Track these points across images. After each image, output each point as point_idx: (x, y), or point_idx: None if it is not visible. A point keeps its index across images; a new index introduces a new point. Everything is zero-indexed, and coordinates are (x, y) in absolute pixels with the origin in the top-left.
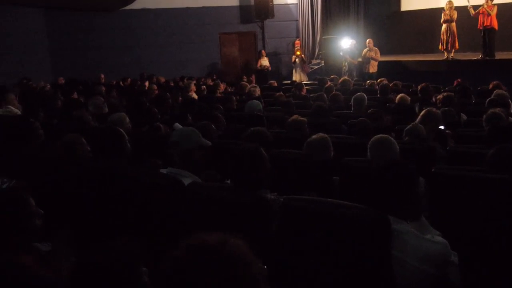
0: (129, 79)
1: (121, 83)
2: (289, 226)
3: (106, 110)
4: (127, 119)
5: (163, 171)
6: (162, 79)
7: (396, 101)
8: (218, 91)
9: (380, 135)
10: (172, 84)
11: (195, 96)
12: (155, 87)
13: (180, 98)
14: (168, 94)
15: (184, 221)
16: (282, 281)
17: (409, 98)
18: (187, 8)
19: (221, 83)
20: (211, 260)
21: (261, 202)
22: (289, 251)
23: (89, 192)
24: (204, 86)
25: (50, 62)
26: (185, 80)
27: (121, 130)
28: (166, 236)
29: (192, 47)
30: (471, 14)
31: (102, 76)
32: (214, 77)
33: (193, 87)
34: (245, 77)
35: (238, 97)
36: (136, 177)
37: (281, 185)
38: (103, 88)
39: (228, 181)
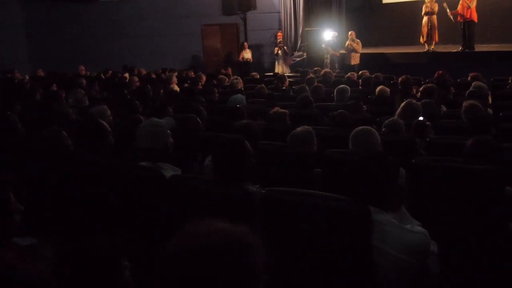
0: (110, 71)
1: (102, 75)
2: (271, 218)
3: (87, 103)
4: (109, 112)
5: (143, 163)
6: (144, 71)
7: (376, 93)
8: (200, 83)
9: (362, 126)
10: (153, 76)
11: (176, 88)
12: (136, 79)
13: (162, 91)
14: (149, 86)
15: (166, 214)
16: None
17: (389, 90)
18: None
19: (203, 75)
20: (220, 246)
21: (243, 194)
22: (271, 243)
23: (72, 186)
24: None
25: (27, 54)
26: (167, 72)
27: (103, 122)
28: (149, 229)
29: (174, 39)
30: (449, 15)
31: (82, 67)
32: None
33: (174, 79)
34: (223, 69)
35: (220, 90)
36: (118, 170)
37: (264, 177)
38: (84, 81)
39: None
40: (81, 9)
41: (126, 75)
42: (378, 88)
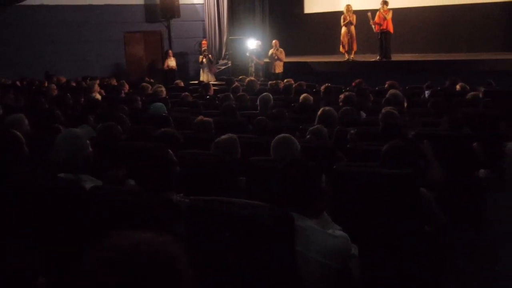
0: (27, 78)
1: (18, 82)
2: (196, 227)
3: (1, 111)
4: (26, 121)
5: (61, 175)
6: (63, 79)
7: (300, 100)
8: (123, 91)
9: (283, 134)
10: (74, 84)
11: (98, 96)
12: (54, 86)
13: (82, 99)
14: (68, 94)
15: (87, 227)
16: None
17: (312, 98)
18: (90, 5)
19: (126, 83)
20: (140, 258)
21: (166, 204)
22: (196, 251)
23: None
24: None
25: None
26: (88, 80)
27: (16, 132)
28: (69, 243)
29: (96, 46)
30: (371, 23)
31: None
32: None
33: (96, 88)
34: (147, 78)
35: (143, 98)
36: (34, 183)
37: (189, 186)
38: None
39: (132, 182)
40: None
41: (45, 83)
42: (302, 96)
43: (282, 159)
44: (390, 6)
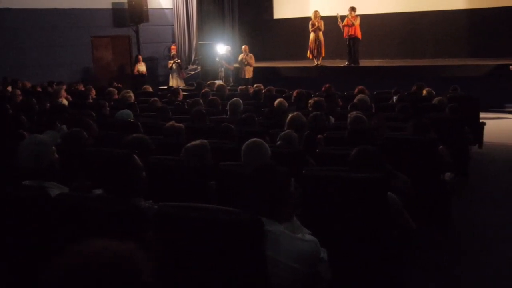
0: None
1: None
2: (164, 233)
3: None
4: None
5: (26, 183)
6: (28, 84)
7: (275, 105)
8: (90, 96)
9: (253, 139)
10: (39, 89)
11: (65, 102)
12: (18, 92)
13: (48, 104)
14: (34, 100)
15: (53, 235)
16: None
17: (287, 104)
18: (56, 9)
19: (93, 88)
20: (103, 266)
21: (133, 210)
22: (165, 258)
23: None
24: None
25: None
26: (54, 85)
27: None
28: (34, 252)
29: (63, 51)
30: (339, 23)
31: None
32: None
33: (63, 93)
34: (115, 83)
35: (112, 103)
36: None
37: (159, 192)
38: None
39: (98, 191)
40: None
41: (9, 88)
42: (277, 101)
43: (252, 164)
44: (357, 13)
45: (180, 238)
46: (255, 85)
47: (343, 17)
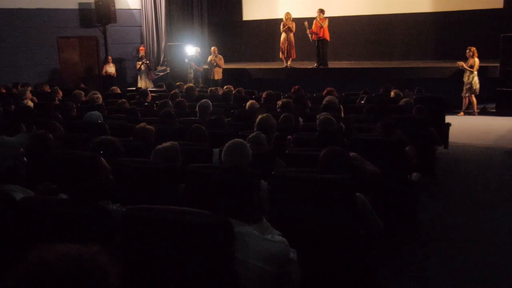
0: None
1: None
2: (132, 236)
3: None
4: None
5: None
6: None
7: (247, 107)
8: (56, 98)
9: (235, 139)
10: (3, 90)
11: (30, 103)
12: None
13: (13, 106)
14: None
15: (17, 239)
16: None
17: (258, 105)
18: (21, 9)
19: (59, 89)
20: (67, 270)
21: (100, 213)
22: (133, 260)
23: None
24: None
25: None
26: (19, 87)
27: None
28: None
29: (28, 51)
30: (307, 32)
31: None
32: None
33: (28, 94)
34: (83, 84)
35: (79, 105)
36: None
37: (127, 194)
38: None
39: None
40: None
41: None
42: (248, 103)
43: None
44: (326, 15)
45: (148, 240)
46: (224, 87)
47: (310, 22)
